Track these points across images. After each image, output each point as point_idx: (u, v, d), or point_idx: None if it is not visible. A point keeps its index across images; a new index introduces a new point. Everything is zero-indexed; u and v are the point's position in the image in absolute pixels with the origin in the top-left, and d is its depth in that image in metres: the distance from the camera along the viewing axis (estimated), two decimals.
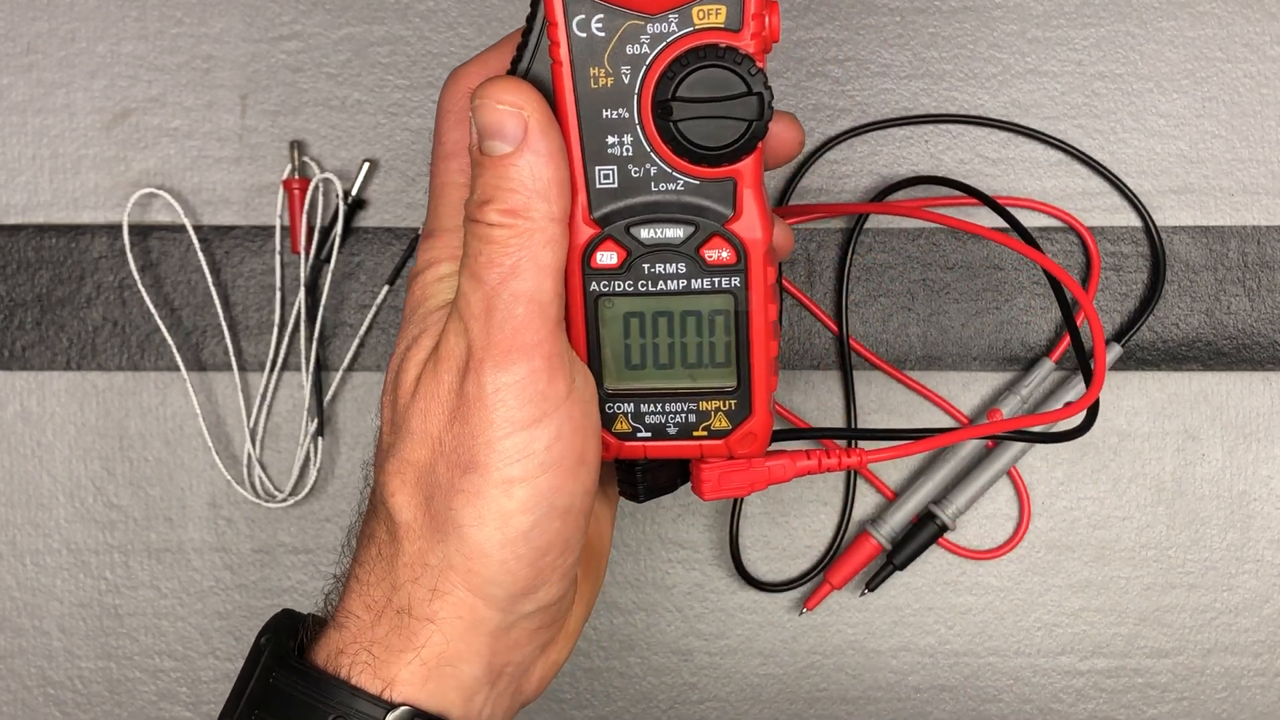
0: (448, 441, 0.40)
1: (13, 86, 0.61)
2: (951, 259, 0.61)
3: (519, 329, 0.39)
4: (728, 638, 0.61)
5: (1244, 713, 0.61)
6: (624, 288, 0.41)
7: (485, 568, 0.40)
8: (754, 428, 0.43)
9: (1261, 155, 0.60)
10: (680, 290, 0.41)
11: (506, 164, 0.39)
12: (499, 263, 0.39)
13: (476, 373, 0.39)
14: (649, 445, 0.43)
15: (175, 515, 0.61)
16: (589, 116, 0.40)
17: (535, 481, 0.39)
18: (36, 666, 0.61)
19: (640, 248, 0.41)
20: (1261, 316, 0.60)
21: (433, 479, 0.40)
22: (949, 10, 0.61)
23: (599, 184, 0.40)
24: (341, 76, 0.61)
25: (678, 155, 0.40)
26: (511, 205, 0.39)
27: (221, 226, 0.61)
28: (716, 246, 0.41)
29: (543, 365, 0.39)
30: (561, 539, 0.40)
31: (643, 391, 0.43)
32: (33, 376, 0.61)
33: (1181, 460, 0.61)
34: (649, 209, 0.41)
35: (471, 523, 0.39)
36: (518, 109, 0.38)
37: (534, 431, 0.39)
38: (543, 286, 0.39)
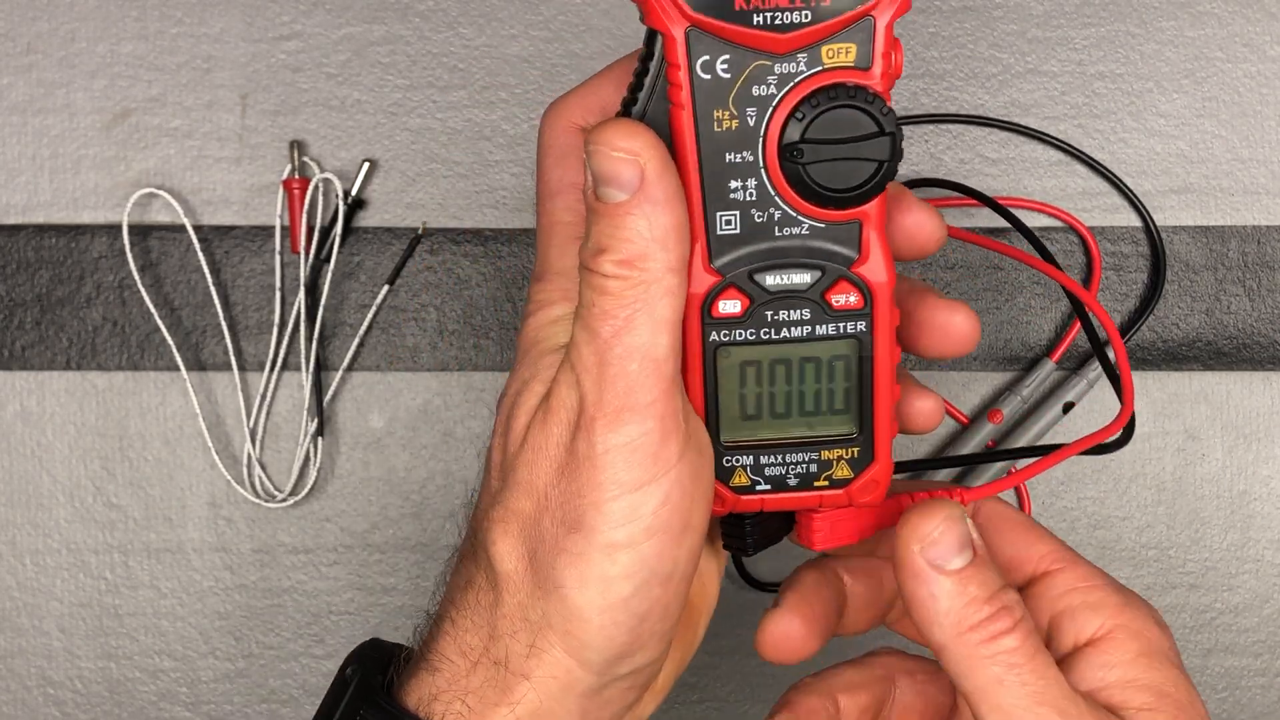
0: (554, 497, 0.38)
1: (13, 86, 0.61)
2: (951, 259, 0.61)
3: (632, 387, 0.37)
4: (728, 638, 0.61)
5: (1244, 713, 0.61)
6: (746, 336, 0.40)
7: (584, 631, 0.38)
8: (877, 475, 0.41)
9: (1262, 155, 0.60)
10: (804, 337, 0.40)
11: (622, 213, 0.37)
12: (613, 315, 0.37)
13: (588, 431, 0.37)
14: (767, 498, 0.41)
15: (175, 515, 0.61)
16: (711, 160, 0.38)
17: (640, 547, 0.38)
18: (36, 666, 0.61)
19: (764, 294, 0.39)
20: (1262, 316, 0.60)
21: (537, 533, 0.39)
22: (949, 10, 0.61)
23: (720, 230, 0.39)
24: (341, 76, 0.61)
25: (804, 199, 0.38)
26: (627, 256, 0.37)
27: (221, 226, 0.61)
28: (843, 291, 0.40)
29: (655, 426, 0.37)
30: (662, 605, 0.39)
31: (761, 443, 0.41)
32: (32, 376, 0.61)
33: (1182, 460, 0.61)
34: (773, 255, 0.39)
35: (574, 585, 0.38)
36: (634, 155, 0.37)
37: (642, 495, 0.38)
38: (658, 342, 0.37)
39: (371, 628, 0.61)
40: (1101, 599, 0.41)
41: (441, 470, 0.61)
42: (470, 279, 0.61)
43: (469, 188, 0.61)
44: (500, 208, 0.61)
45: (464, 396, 0.61)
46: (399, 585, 0.61)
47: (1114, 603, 0.41)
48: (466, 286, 0.61)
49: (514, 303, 0.61)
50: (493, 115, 0.61)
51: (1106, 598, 0.41)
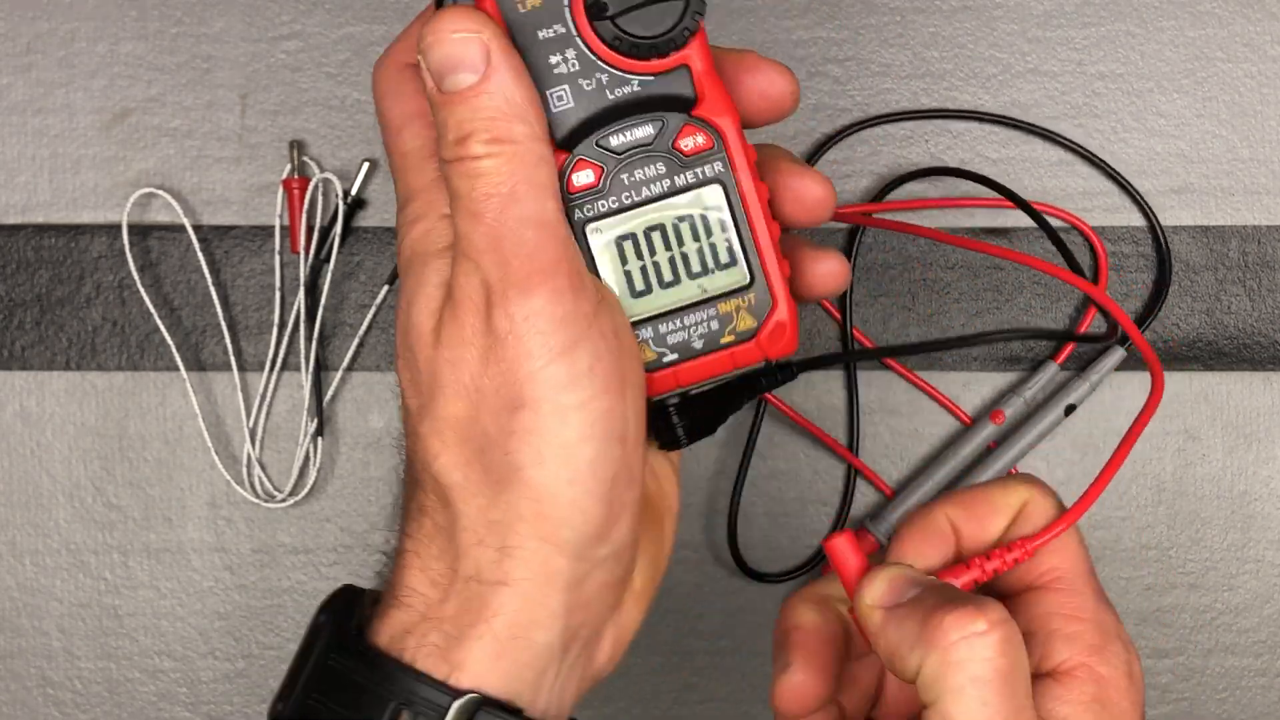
0: (486, 386, 0.37)
1: (12, 86, 0.61)
2: (952, 259, 0.61)
3: (533, 252, 0.37)
4: (728, 638, 0.61)
5: (1244, 713, 0.61)
6: (609, 206, 0.40)
7: (555, 508, 0.37)
8: (780, 318, 0.41)
9: (1262, 155, 0.60)
10: (666, 192, 0.40)
11: (477, 93, 0.37)
12: (495, 192, 0.37)
13: (502, 305, 0.37)
14: (679, 368, 0.41)
15: (175, 515, 0.61)
16: (526, 43, 0.39)
17: (588, 407, 0.37)
18: (36, 666, 0.61)
19: (614, 158, 0.40)
20: (1262, 316, 0.60)
21: (478, 429, 0.37)
22: (949, 10, 0.61)
23: (555, 108, 0.39)
24: (341, 76, 0.61)
25: (624, 54, 0.39)
26: (494, 133, 0.37)
27: (221, 226, 0.61)
28: (689, 134, 0.40)
29: (565, 284, 0.37)
30: (625, 467, 0.38)
31: (657, 314, 0.41)
32: (32, 376, 0.61)
33: (1182, 460, 0.61)
34: (611, 116, 0.39)
35: (532, 463, 0.37)
36: (475, 33, 0.37)
37: (573, 355, 0.37)
38: (545, 206, 0.37)
39: None
40: (1079, 633, 0.39)
41: None
42: None
43: None
44: None
45: None
46: None
47: (1089, 641, 0.39)
48: None
49: None
50: None
51: (1085, 633, 0.39)
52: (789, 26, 0.61)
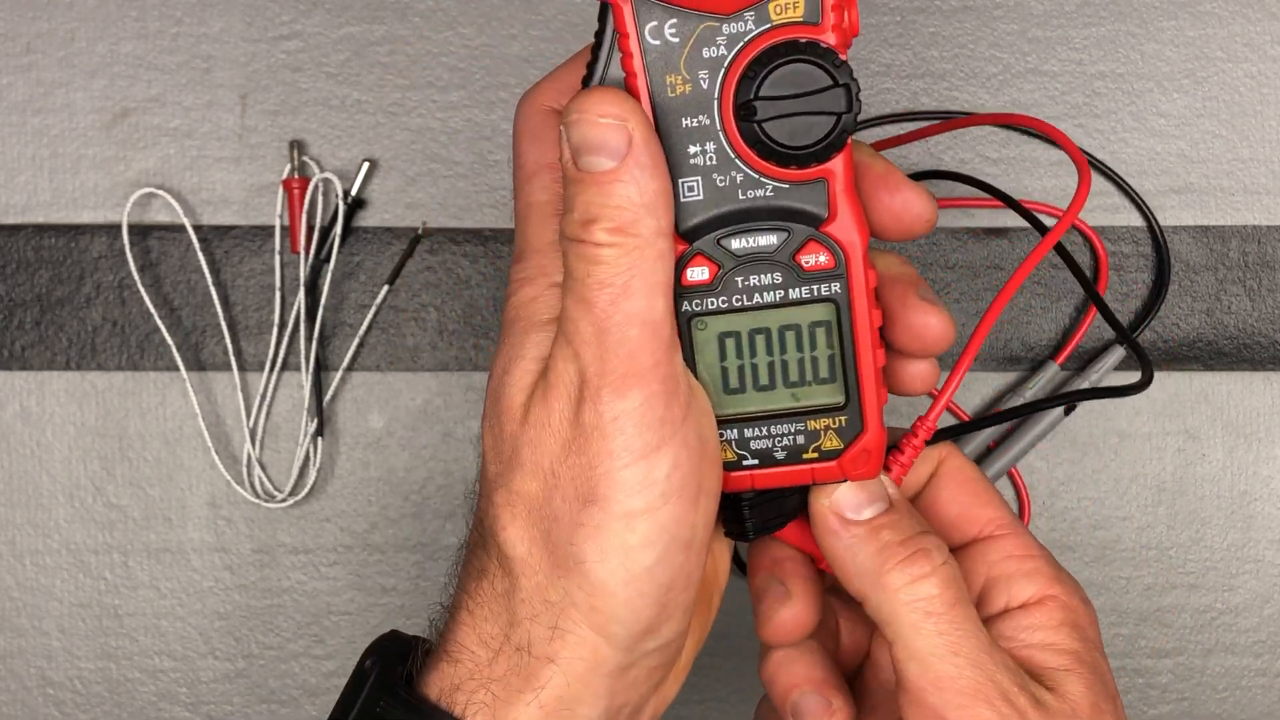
0: (563, 474, 0.38)
1: (12, 86, 0.61)
2: (952, 259, 0.61)
3: (634, 353, 0.37)
4: (728, 638, 0.61)
5: (1244, 713, 0.61)
6: (718, 305, 0.39)
7: (609, 605, 0.38)
8: (868, 444, 0.41)
9: (1262, 155, 0.60)
10: (778, 302, 0.39)
11: (611, 180, 0.36)
12: (609, 283, 0.36)
13: (594, 401, 0.37)
14: (756, 474, 0.41)
15: (175, 515, 0.61)
16: (668, 127, 0.38)
17: (658, 514, 0.37)
18: (36, 666, 0.61)
19: (732, 259, 0.39)
20: (1262, 316, 0.60)
21: (548, 512, 0.38)
22: (949, 10, 0.61)
23: (683, 197, 0.38)
24: (341, 76, 0.61)
25: (764, 158, 0.38)
26: (619, 223, 0.36)
27: (221, 226, 0.61)
28: (813, 251, 0.39)
29: (660, 389, 0.37)
30: (684, 574, 0.39)
31: (745, 416, 0.40)
32: (32, 376, 0.61)
33: (1182, 460, 0.61)
34: (738, 218, 0.39)
35: (594, 559, 0.37)
36: (621, 121, 0.36)
37: (654, 460, 0.37)
38: (655, 306, 0.37)
39: (371, 628, 0.61)
40: (1037, 568, 0.42)
41: (441, 470, 0.61)
42: (470, 279, 0.61)
43: (469, 188, 0.61)
44: (500, 208, 0.61)
45: (464, 396, 0.61)
46: (399, 585, 0.61)
47: (1048, 574, 0.42)
48: (466, 286, 0.61)
49: None
50: (493, 115, 0.61)
51: (1042, 568, 0.42)
52: None
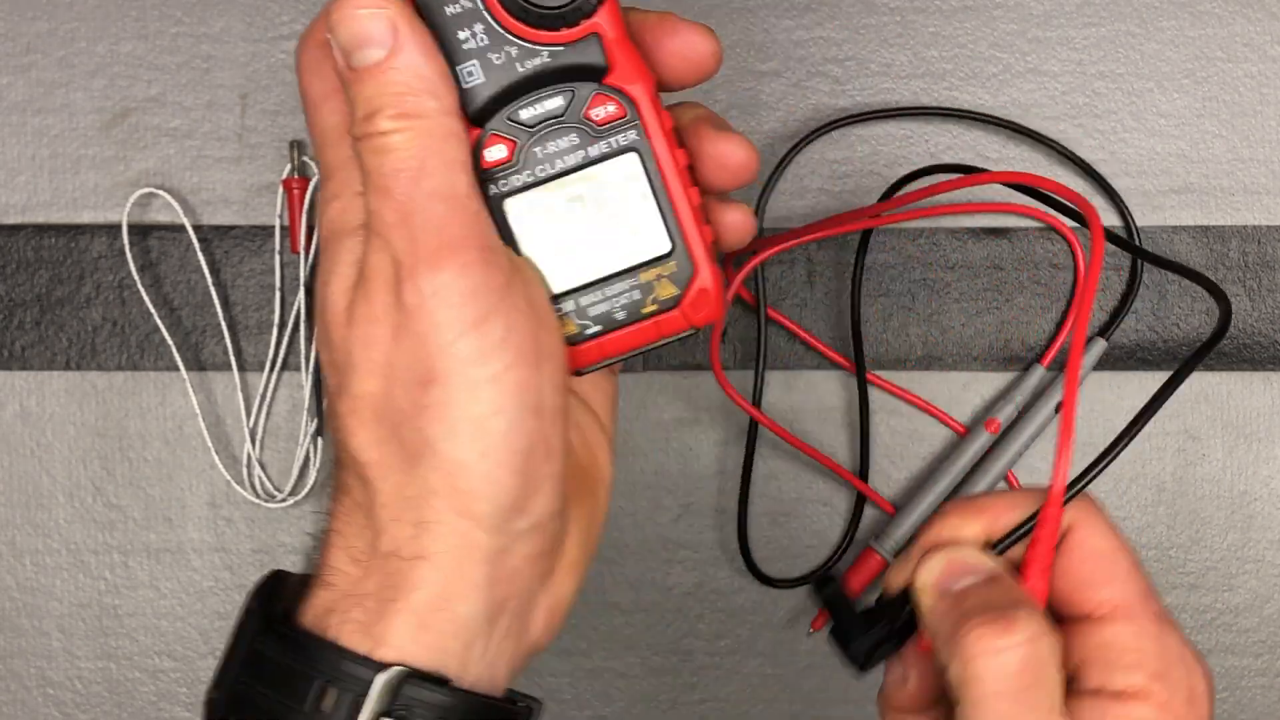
0: (398, 361, 0.37)
1: (12, 86, 0.61)
2: (951, 259, 0.61)
3: (441, 227, 0.37)
4: (728, 638, 0.61)
5: (1244, 713, 0.61)
6: (525, 180, 0.39)
7: (468, 481, 0.37)
8: (703, 284, 0.40)
9: (1262, 155, 0.60)
10: (581, 163, 0.39)
11: (385, 69, 0.37)
12: (404, 167, 0.37)
13: (412, 280, 0.37)
14: (603, 340, 0.41)
15: (175, 515, 0.61)
16: (434, 19, 0.38)
17: (501, 380, 0.37)
18: (36, 666, 0.61)
19: (526, 132, 0.39)
20: (1262, 316, 0.60)
21: (392, 406, 0.37)
22: (949, 10, 0.61)
23: (465, 83, 0.39)
24: None
25: (532, 25, 0.38)
26: (402, 109, 0.37)
27: (221, 226, 0.61)
28: (600, 104, 0.39)
29: (476, 257, 0.37)
30: (542, 440, 0.38)
31: (578, 287, 0.40)
32: (32, 376, 0.61)
33: (1182, 460, 0.61)
34: (521, 88, 0.39)
35: (444, 436, 0.37)
36: (381, 8, 0.37)
37: (484, 328, 0.37)
38: (456, 181, 0.37)
39: None
40: (1140, 661, 0.38)
41: None
42: None
43: None
44: None
45: None
46: None
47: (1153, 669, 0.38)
48: None
49: None
50: None
51: (1147, 661, 0.38)
52: (789, 26, 0.61)
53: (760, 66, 0.60)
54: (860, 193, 0.60)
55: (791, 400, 0.60)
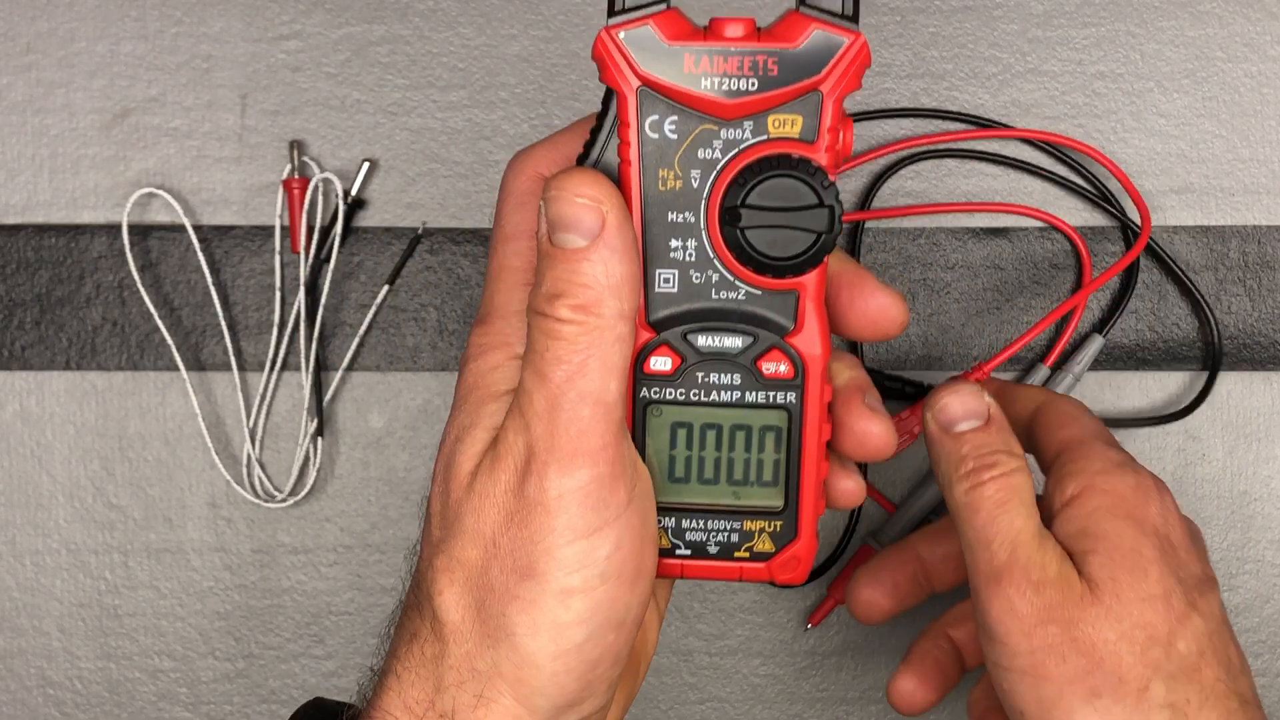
0: (504, 544, 0.38)
1: (12, 86, 0.61)
2: (951, 259, 0.61)
3: (584, 431, 0.37)
4: (728, 638, 0.61)
5: None
6: (675, 396, 0.41)
7: (535, 678, 0.38)
8: (799, 551, 0.42)
9: (1262, 155, 0.60)
10: (733, 402, 0.41)
11: (580, 258, 0.37)
12: (567, 360, 0.37)
13: (539, 475, 0.38)
14: (686, 564, 0.42)
15: (175, 515, 0.61)
16: (654, 218, 0.39)
17: (593, 593, 0.38)
18: (36, 666, 0.61)
19: (696, 355, 0.40)
20: (1262, 316, 0.60)
21: (485, 581, 0.38)
22: (949, 10, 0.61)
23: (658, 288, 0.40)
24: (341, 76, 0.61)
25: (742, 264, 0.39)
26: (583, 301, 0.37)
27: (221, 226, 0.61)
28: (775, 359, 0.40)
29: (606, 471, 0.38)
30: (613, 652, 0.39)
31: (684, 506, 0.42)
32: (32, 376, 0.61)
33: (1181, 460, 0.61)
34: (708, 315, 0.40)
35: (525, 632, 0.38)
36: (596, 203, 0.37)
37: (594, 540, 0.38)
38: (609, 387, 0.38)
39: (371, 628, 0.61)
40: (1082, 467, 0.46)
41: None
42: (470, 279, 0.61)
43: (469, 188, 0.61)
44: None
45: None
46: (399, 585, 0.61)
47: (1095, 469, 0.46)
48: (466, 286, 0.61)
49: None
50: (493, 115, 0.61)
51: (1088, 465, 0.46)
52: None
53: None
54: (859, 193, 0.60)
55: None
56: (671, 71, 0.38)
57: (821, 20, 0.38)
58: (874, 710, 0.61)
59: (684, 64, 0.38)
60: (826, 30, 0.38)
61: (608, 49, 0.38)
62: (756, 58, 0.38)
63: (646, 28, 0.38)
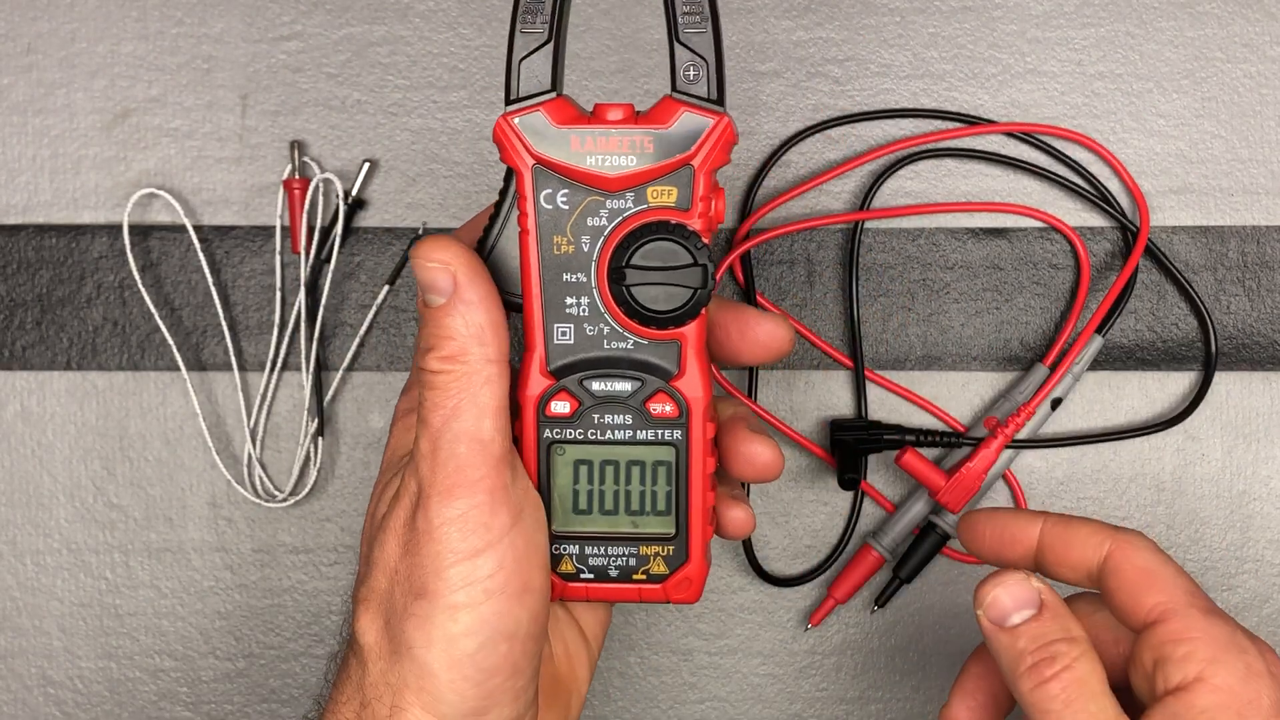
0: (402, 570, 0.43)
1: (13, 86, 0.61)
2: (951, 259, 0.61)
3: (461, 466, 0.42)
4: (728, 638, 0.61)
5: None
6: (575, 435, 0.45)
7: (435, 687, 0.42)
8: (690, 573, 0.46)
9: (1261, 155, 0.60)
10: (626, 440, 0.45)
11: (443, 315, 0.43)
12: (442, 405, 0.42)
13: (425, 508, 0.42)
14: (590, 587, 0.46)
15: (175, 515, 0.61)
16: (551, 279, 0.44)
17: (479, 608, 0.42)
18: (36, 666, 0.61)
19: (591, 399, 0.45)
20: (1261, 316, 0.60)
21: (390, 605, 0.43)
22: (949, 10, 0.61)
23: (556, 340, 0.44)
24: (341, 76, 0.61)
25: (629, 317, 0.44)
26: (449, 352, 0.42)
27: (221, 226, 0.61)
28: (661, 401, 0.45)
29: (485, 500, 0.42)
30: (509, 663, 0.43)
31: (587, 535, 0.46)
32: (33, 376, 0.61)
33: (1181, 460, 0.61)
34: (601, 364, 0.45)
35: (421, 644, 0.42)
36: (445, 265, 0.42)
37: (477, 561, 0.42)
38: (482, 425, 0.42)
39: None
40: (1190, 652, 0.43)
41: None
42: None
43: (469, 188, 0.61)
44: None
45: None
46: None
47: (1203, 656, 0.42)
48: None
49: None
50: (493, 115, 0.61)
51: (1196, 651, 0.43)
52: (789, 26, 0.61)
53: (760, 67, 0.61)
54: (858, 193, 0.60)
55: (791, 399, 0.60)
56: (560, 151, 0.43)
57: (690, 104, 0.43)
58: (874, 710, 0.61)
59: (570, 144, 0.43)
60: (694, 113, 0.43)
61: (505, 133, 0.43)
62: (634, 138, 0.43)
63: (538, 114, 0.43)
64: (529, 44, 0.43)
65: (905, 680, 0.61)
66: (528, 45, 0.43)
